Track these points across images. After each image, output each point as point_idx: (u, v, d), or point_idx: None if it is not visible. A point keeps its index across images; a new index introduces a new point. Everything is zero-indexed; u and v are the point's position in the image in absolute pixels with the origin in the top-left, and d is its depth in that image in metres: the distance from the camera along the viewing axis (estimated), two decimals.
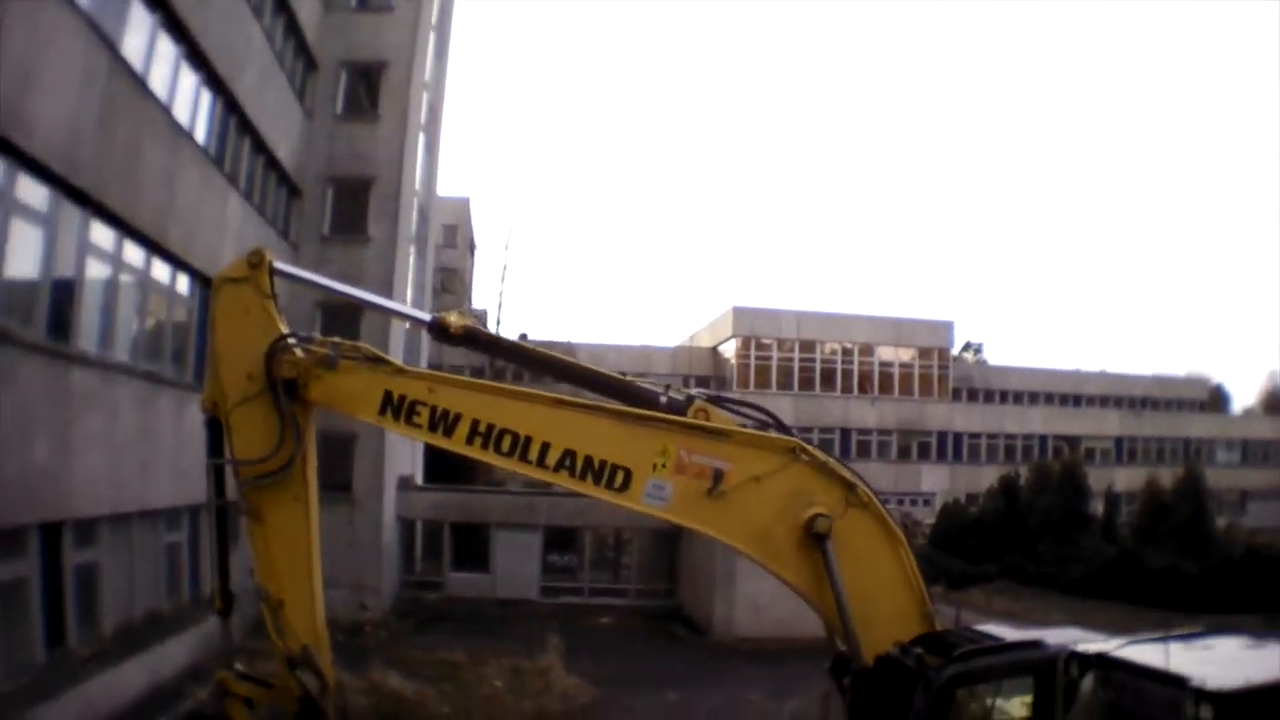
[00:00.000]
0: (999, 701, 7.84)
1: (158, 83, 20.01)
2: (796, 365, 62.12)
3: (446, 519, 36.91)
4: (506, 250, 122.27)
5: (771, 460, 8.85)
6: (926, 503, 59.96)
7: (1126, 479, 58.04)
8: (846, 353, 63.37)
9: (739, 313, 62.56)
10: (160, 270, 21.17)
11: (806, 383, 61.16)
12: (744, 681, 26.20)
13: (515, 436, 8.92)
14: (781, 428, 9.28)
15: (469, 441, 9.00)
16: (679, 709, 23.58)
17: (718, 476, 8.76)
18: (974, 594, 39.52)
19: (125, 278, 19.44)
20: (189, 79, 22.05)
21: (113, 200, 17.91)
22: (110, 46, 17.52)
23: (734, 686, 25.69)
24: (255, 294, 9.23)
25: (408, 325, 24.82)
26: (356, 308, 30.64)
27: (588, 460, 8.91)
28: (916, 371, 65.34)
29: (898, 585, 8.85)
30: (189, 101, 22.27)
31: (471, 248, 77.48)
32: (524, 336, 53.58)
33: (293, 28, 30.09)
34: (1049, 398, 71.88)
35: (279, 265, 9.47)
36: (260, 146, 27.83)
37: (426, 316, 9.66)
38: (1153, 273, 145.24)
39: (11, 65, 14.38)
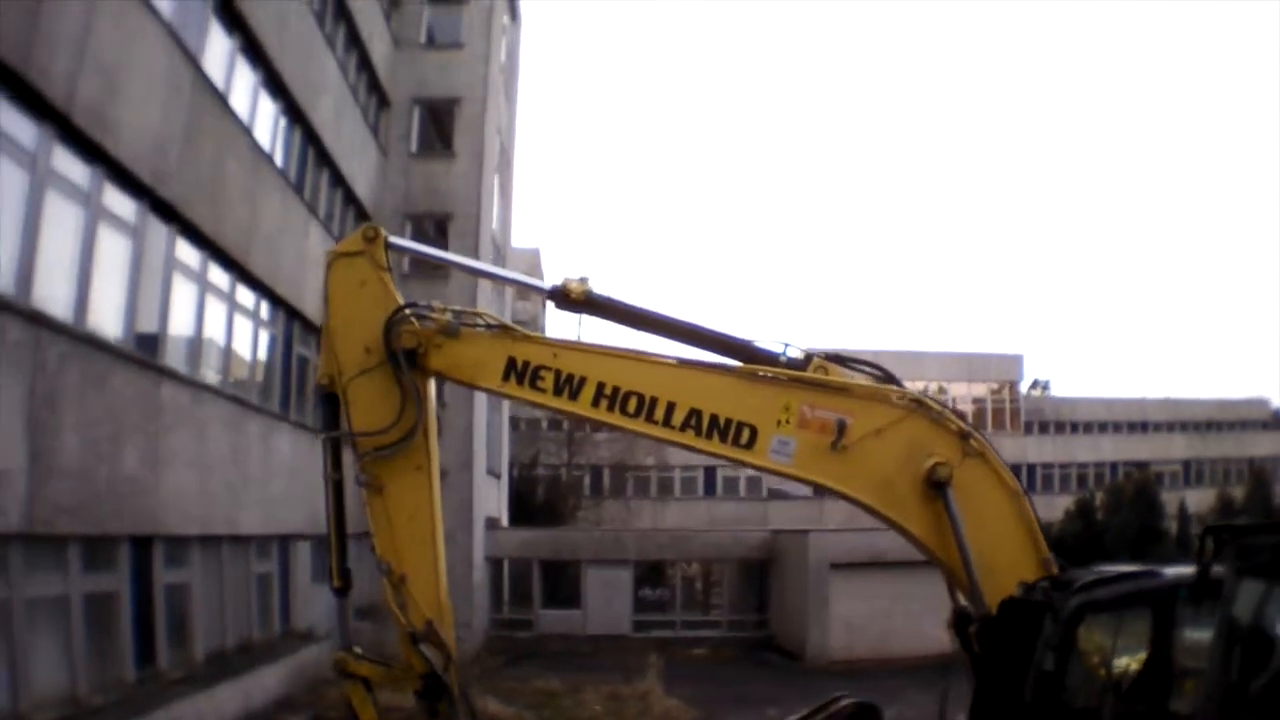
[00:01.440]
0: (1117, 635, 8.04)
1: (239, 103, 20.14)
2: None
3: (536, 557, 37.06)
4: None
5: (891, 413, 8.83)
6: None
7: (1195, 500, 57.77)
8: (922, 391, 62.29)
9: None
10: (245, 295, 21.18)
11: None
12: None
13: (641, 398, 8.85)
14: (896, 383, 9.23)
15: (594, 404, 8.88)
16: None
17: (841, 429, 8.71)
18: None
19: (212, 298, 19.45)
20: (268, 105, 22.21)
21: (199, 217, 17.99)
22: (193, 60, 17.64)
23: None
24: (371, 267, 9.06)
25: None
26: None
27: (713, 419, 8.82)
28: (989, 406, 65.65)
29: (1016, 532, 8.85)
30: (269, 127, 22.42)
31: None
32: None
33: (365, 64, 30.38)
34: (1116, 426, 72.31)
35: (393, 239, 9.35)
36: (338, 179, 28.02)
37: (547, 285, 9.45)
38: (1207, 298, 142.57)
39: (98, 69, 14.47)
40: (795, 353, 9.12)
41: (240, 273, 20.54)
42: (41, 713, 13.22)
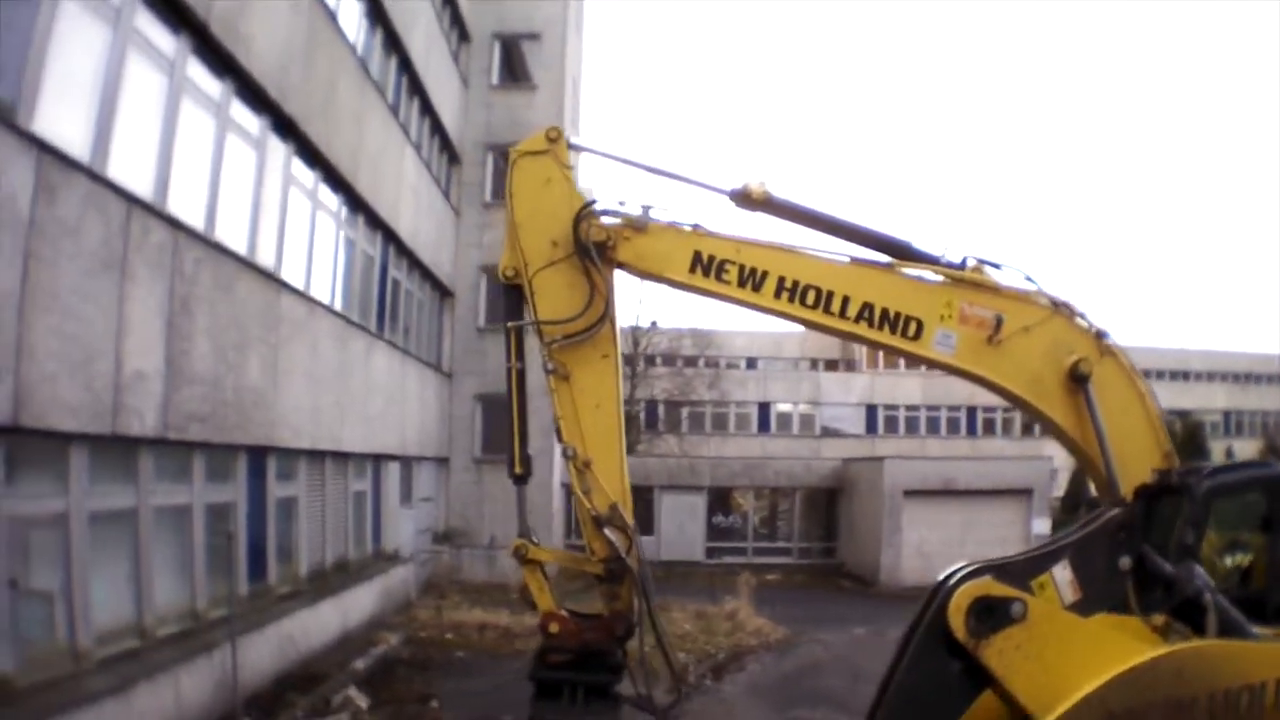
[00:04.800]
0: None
1: (347, 25, 20.30)
2: None
3: None
4: None
5: (1037, 313, 9.43)
6: (1052, 475, 60.98)
7: (1239, 450, 57.78)
8: None
9: None
10: (350, 215, 21.46)
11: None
12: None
13: (819, 291, 9.34)
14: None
15: (776, 296, 9.32)
16: (869, 638, 24.37)
17: (998, 325, 9.29)
18: None
19: (322, 215, 19.68)
20: (369, 31, 22.39)
21: (315, 135, 18.20)
22: None
23: None
24: (556, 165, 9.33)
25: None
26: None
27: (884, 312, 9.37)
28: None
29: (1146, 425, 9.53)
30: (373, 52, 22.68)
31: None
32: (654, 325, 54.64)
33: None
34: (1159, 374, 71.29)
35: (573, 140, 9.64)
36: (427, 108, 28.31)
37: (727, 188, 9.64)
38: (1246, 250, 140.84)
39: None
40: (953, 256, 9.61)
41: (347, 192, 20.83)
42: (165, 626, 13.46)
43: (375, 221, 22.95)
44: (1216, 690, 6.92)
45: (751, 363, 67.16)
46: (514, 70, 35.67)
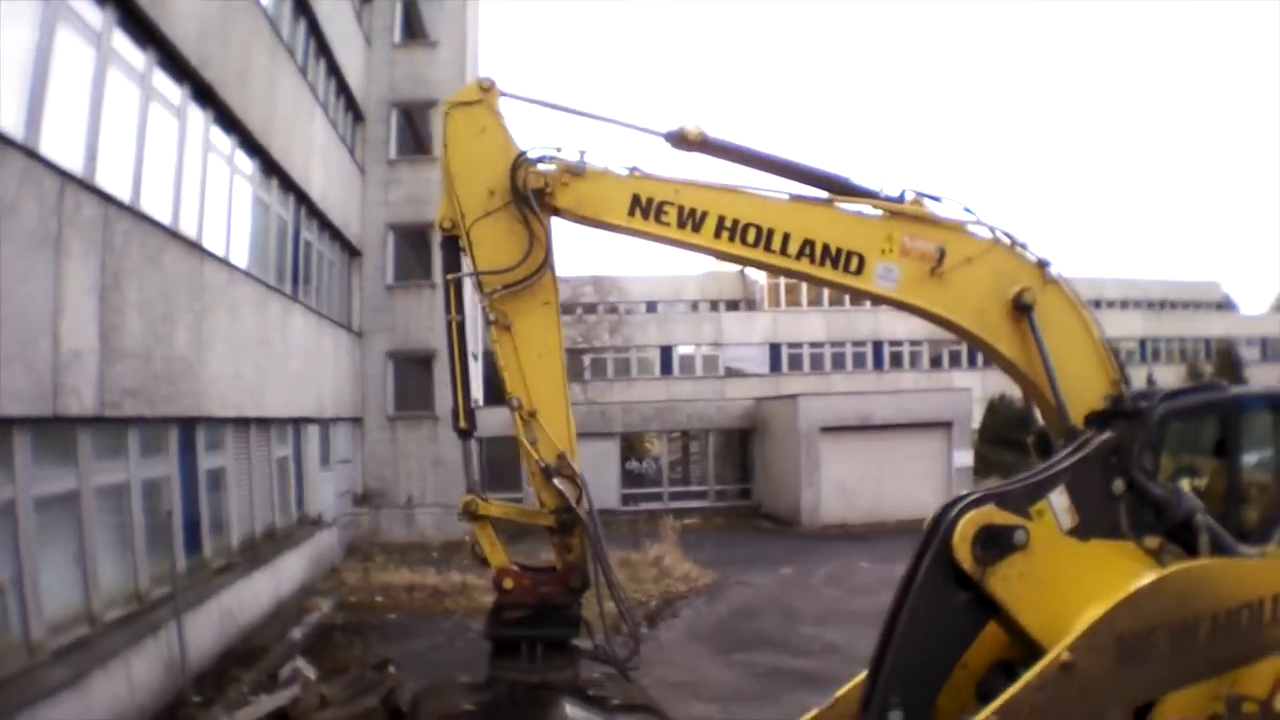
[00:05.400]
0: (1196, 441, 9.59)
1: None
2: None
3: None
4: None
5: (979, 244, 9.52)
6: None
7: (1158, 376, 58.08)
8: None
9: None
10: (264, 179, 21.19)
11: (836, 299, 60.28)
12: (848, 555, 27.90)
13: (759, 229, 9.34)
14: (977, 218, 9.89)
15: (716, 235, 9.33)
16: (798, 578, 24.99)
17: (941, 257, 9.36)
18: None
19: (239, 181, 19.42)
20: None
21: (232, 100, 17.93)
22: None
23: (841, 559, 27.23)
24: (490, 114, 9.30)
25: None
26: (423, 227, 31.06)
27: (825, 248, 9.39)
28: None
29: (1092, 353, 9.64)
30: (283, 15, 22.43)
31: None
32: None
33: None
34: None
35: (505, 90, 9.55)
36: (334, 69, 28.02)
37: (663, 130, 9.64)
38: (1157, 180, 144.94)
39: None
40: (891, 190, 9.67)
41: (262, 156, 20.55)
42: (111, 609, 13.30)
43: (288, 184, 22.66)
44: (1219, 609, 7.13)
45: (652, 306, 66.91)
46: (415, 28, 35.32)
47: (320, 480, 25.67)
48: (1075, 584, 7.00)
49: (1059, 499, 7.24)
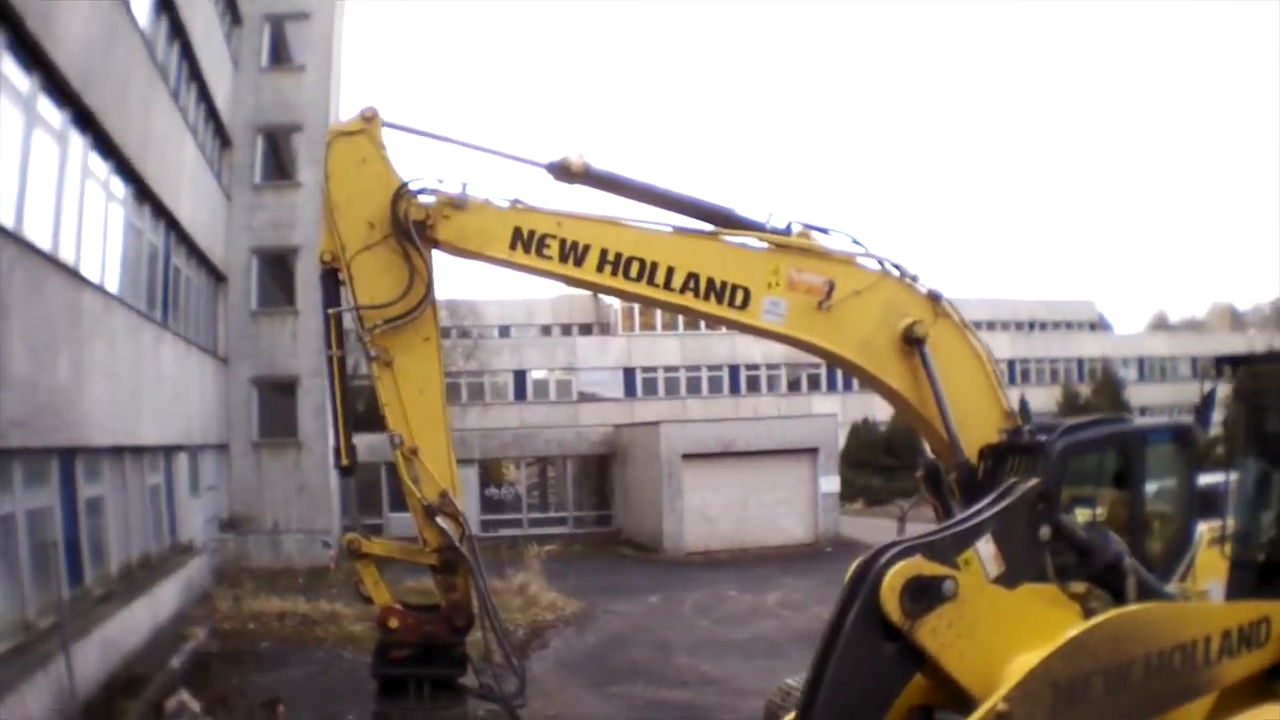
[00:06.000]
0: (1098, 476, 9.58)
1: (140, 15, 19.92)
2: None
3: (382, 461, 36.64)
4: None
5: (868, 276, 9.54)
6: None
7: (1030, 399, 57.92)
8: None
9: None
10: (137, 205, 20.93)
11: (691, 323, 59.13)
12: (713, 584, 27.76)
13: (642, 263, 9.24)
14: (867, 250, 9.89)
15: (599, 270, 9.24)
16: (666, 607, 24.85)
17: (829, 290, 9.36)
18: (895, 508, 41.04)
19: (114, 207, 19.21)
20: (155, 19, 22.01)
21: (111, 125, 17.75)
22: None
23: (707, 587, 27.13)
24: (372, 145, 9.20)
25: None
26: (287, 252, 30.91)
27: (710, 282, 9.31)
28: None
29: (985, 386, 9.74)
30: (158, 40, 22.25)
31: None
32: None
33: None
34: None
35: (387, 120, 9.41)
36: (204, 94, 27.82)
37: (545, 161, 9.60)
38: (1033, 200, 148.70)
39: None
40: (778, 223, 9.68)
41: (136, 182, 20.35)
42: (2, 641, 13.06)
43: (160, 210, 22.43)
44: (1151, 652, 7.04)
45: (504, 330, 66.01)
46: (281, 52, 35.07)
47: (191, 507, 25.34)
48: (1004, 632, 6.89)
49: (985, 546, 7.05)
